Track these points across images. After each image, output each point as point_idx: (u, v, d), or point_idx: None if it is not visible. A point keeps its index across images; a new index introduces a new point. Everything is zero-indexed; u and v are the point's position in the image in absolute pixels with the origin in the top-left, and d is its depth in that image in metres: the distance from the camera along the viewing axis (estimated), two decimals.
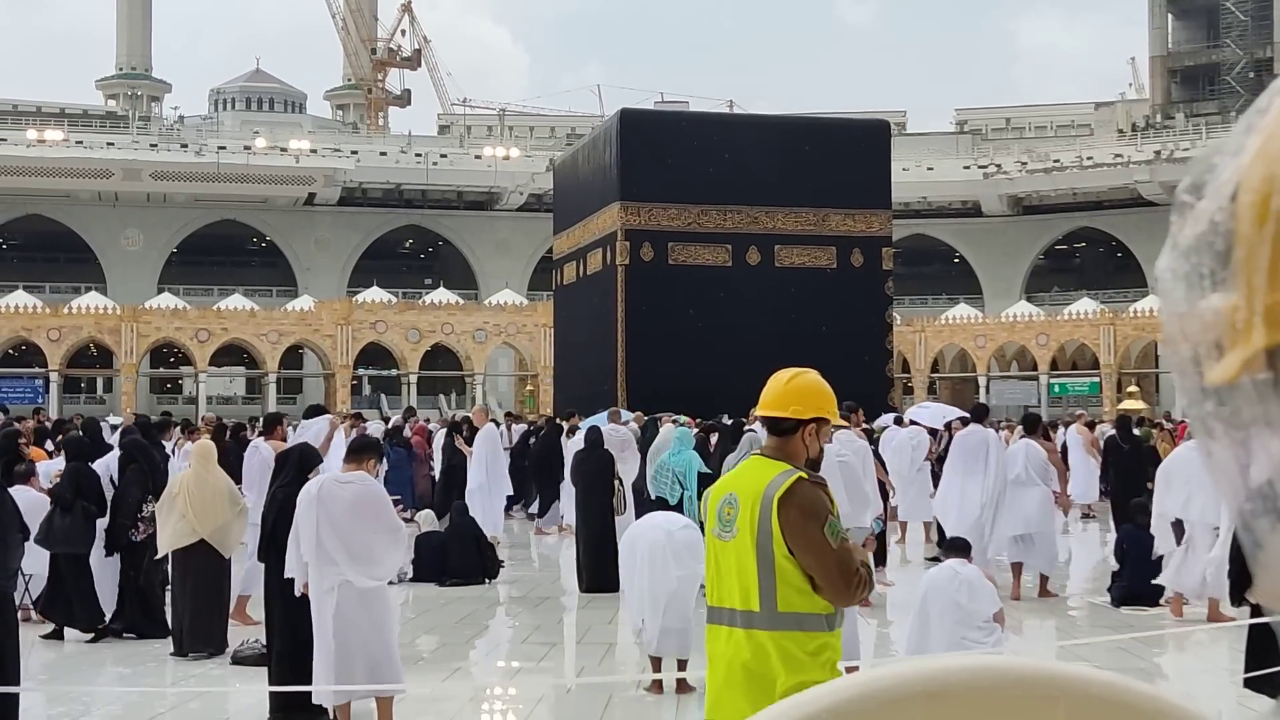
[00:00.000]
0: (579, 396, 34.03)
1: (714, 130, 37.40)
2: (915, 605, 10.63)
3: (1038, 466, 16.15)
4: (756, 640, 4.76)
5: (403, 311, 68.25)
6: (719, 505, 4.99)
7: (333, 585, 9.11)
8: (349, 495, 9.24)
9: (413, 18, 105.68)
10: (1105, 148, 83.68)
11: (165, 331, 64.92)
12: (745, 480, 4.98)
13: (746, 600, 4.80)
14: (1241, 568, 8.92)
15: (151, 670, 12.31)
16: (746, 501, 4.85)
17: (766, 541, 4.75)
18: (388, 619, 9.47)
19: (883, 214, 37.12)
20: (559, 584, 17.95)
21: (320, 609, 9.19)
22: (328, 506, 9.17)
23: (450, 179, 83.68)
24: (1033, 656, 3.62)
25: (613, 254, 35.12)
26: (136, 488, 13.43)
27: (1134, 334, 69.41)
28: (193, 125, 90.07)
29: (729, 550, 4.89)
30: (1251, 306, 0.64)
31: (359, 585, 9.11)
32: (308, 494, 9.31)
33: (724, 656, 4.89)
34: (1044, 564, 16.27)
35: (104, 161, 76.78)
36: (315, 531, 9.11)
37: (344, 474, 9.48)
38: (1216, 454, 0.65)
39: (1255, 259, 0.64)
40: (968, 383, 73.45)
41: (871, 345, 35.48)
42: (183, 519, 12.46)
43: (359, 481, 9.39)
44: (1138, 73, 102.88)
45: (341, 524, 9.13)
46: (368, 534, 9.20)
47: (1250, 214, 0.64)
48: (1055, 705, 0.99)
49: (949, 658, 1.03)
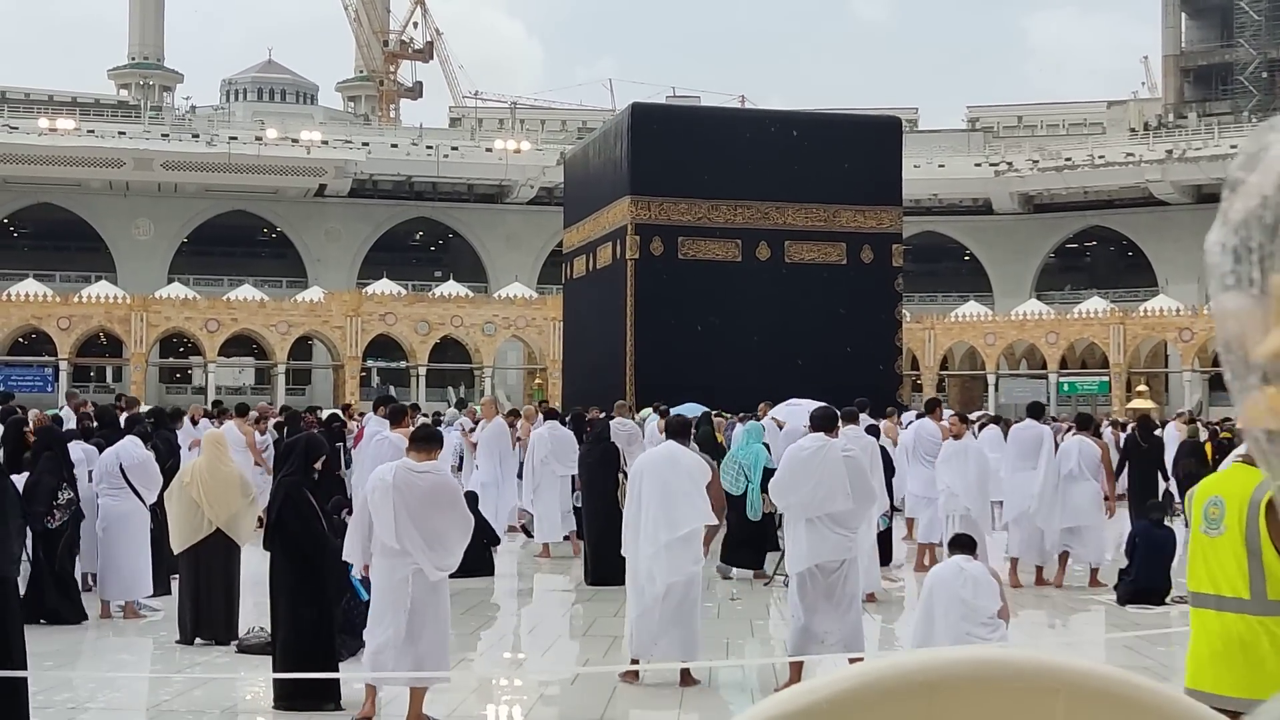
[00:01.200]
0: (587, 390, 34.01)
1: (725, 125, 37.35)
2: (920, 600, 10.64)
3: (1090, 463, 16.80)
4: (1248, 623, 5.34)
5: (412, 304, 68.29)
6: (1205, 505, 5.57)
7: (406, 575, 9.15)
8: (426, 485, 9.27)
9: (425, 10, 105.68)
10: (1117, 146, 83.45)
11: (175, 321, 65.01)
12: (1231, 484, 5.56)
13: (1236, 588, 5.38)
14: None
15: (157, 658, 12.36)
16: (1233, 504, 5.43)
17: (1255, 539, 5.32)
18: (448, 610, 9.57)
19: (893, 210, 37.05)
20: (565, 576, 17.96)
21: (395, 598, 9.20)
22: (404, 495, 9.17)
23: (461, 172, 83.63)
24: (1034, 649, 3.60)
25: (623, 248, 35.09)
26: (50, 475, 13.42)
27: (1144, 333, 69.28)
28: (204, 115, 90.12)
29: (1217, 545, 5.48)
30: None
31: (431, 577, 9.17)
32: (383, 482, 9.28)
33: (1215, 634, 5.50)
34: (1093, 556, 16.94)
35: (115, 151, 76.83)
36: (393, 520, 9.12)
37: (418, 463, 9.43)
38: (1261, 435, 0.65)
39: None
40: (976, 380, 73.36)
41: (881, 342, 35.42)
42: (195, 508, 12.49)
43: (434, 471, 9.45)
44: (1150, 71, 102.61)
45: (419, 513, 9.15)
46: (444, 524, 9.26)
47: None
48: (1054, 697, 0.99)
49: (950, 650, 1.04)
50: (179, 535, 12.61)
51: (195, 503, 12.47)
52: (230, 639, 12.40)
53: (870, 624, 12.68)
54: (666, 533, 10.68)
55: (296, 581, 9.72)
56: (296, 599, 9.76)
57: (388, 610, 9.24)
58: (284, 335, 65.78)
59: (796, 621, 10.79)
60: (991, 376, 70.91)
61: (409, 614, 9.13)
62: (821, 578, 10.66)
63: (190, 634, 12.52)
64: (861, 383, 27.49)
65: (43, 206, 78.77)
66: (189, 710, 10.19)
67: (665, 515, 10.69)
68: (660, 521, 10.69)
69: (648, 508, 10.75)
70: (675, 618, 10.74)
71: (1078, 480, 16.71)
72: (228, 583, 12.70)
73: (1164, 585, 15.26)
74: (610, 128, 39.00)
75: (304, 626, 9.72)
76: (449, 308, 68.14)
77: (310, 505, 9.96)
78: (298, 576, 9.81)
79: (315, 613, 9.80)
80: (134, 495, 14.12)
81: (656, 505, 10.71)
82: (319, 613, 9.85)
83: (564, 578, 17.84)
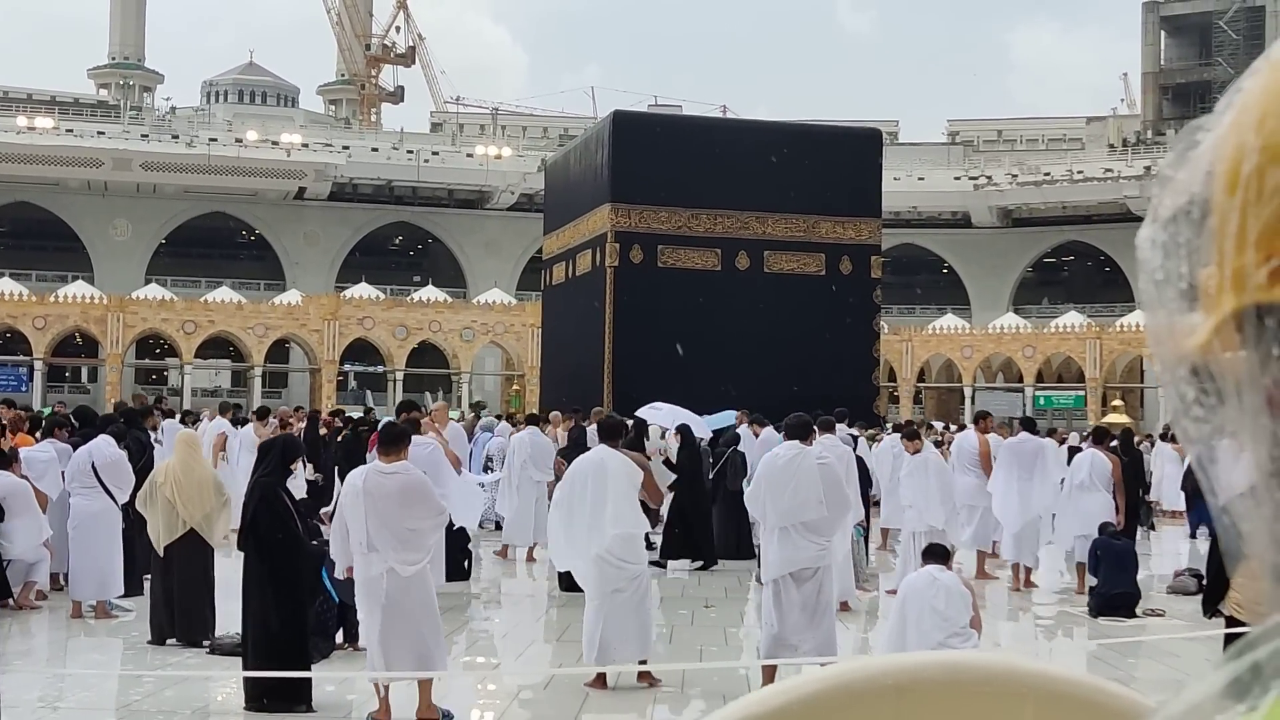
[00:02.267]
0: (565, 397, 34.00)
1: (706, 134, 37.37)
2: (893, 610, 10.68)
3: (1101, 475, 17.24)
4: None
5: (390, 308, 68.15)
6: None
7: (380, 572, 9.28)
8: (395, 486, 9.41)
9: (408, 14, 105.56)
10: (1096, 162, 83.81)
11: (152, 322, 64.75)
12: None
13: None
14: (1213, 580, 8.96)
15: (129, 658, 12.30)
16: None
17: None
18: (433, 602, 9.68)
19: (873, 222, 37.11)
20: (538, 583, 17.96)
21: (369, 596, 9.37)
22: (375, 498, 9.32)
23: (441, 177, 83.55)
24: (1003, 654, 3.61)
25: (602, 255, 35.08)
26: None
27: (1120, 348, 69.51)
28: (184, 116, 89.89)
29: None
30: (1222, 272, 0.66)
31: (402, 573, 9.29)
32: (354, 487, 9.45)
33: None
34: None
35: (94, 150, 76.56)
36: (364, 521, 9.27)
37: (387, 465, 9.57)
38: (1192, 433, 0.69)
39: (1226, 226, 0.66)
40: (953, 393, 73.53)
41: (858, 353, 35.45)
42: (171, 508, 12.45)
43: (403, 471, 9.56)
44: (1130, 88, 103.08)
45: (389, 514, 9.30)
46: (415, 521, 9.41)
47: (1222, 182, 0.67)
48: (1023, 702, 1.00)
49: (920, 654, 1.04)
50: (161, 534, 12.55)
51: (170, 503, 12.44)
52: (204, 640, 12.36)
53: (843, 633, 12.70)
54: (601, 539, 10.73)
55: (270, 581, 9.73)
56: (269, 599, 9.77)
57: (366, 607, 9.40)
58: (261, 338, 65.57)
59: (770, 628, 10.81)
60: (968, 389, 71.05)
61: (384, 609, 9.23)
62: (795, 585, 10.68)
63: (162, 635, 12.46)
64: (839, 393, 27.51)
65: (20, 205, 78.43)
66: (159, 711, 10.15)
67: (599, 522, 10.73)
68: (595, 528, 10.74)
69: (582, 515, 10.82)
70: (626, 619, 10.80)
71: (1089, 490, 17.14)
72: (202, 584, 12.65)
73: (1134, 595, 15.36)
74: (591, 135, 39.00)
75: (275, 627, 9.71)
76: (427, 313, 68.03)
77: (285, 505, 9.97)
78: (271, 576, 9.82)
79: (288, 613, 9.80)
80: (106, 494, 14.06)
81: (590, 512, 10.76)
82: (291, 613, 9.85)
83: (538, 584, 17.84)
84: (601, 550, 10.73)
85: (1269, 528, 0.63)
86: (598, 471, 10.90)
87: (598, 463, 11.02)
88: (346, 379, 70.72)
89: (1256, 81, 0.69)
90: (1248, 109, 0.68)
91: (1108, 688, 1.05)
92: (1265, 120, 0.67)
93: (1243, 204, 0.66)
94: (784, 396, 24.72)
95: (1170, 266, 0.69)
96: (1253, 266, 0.65)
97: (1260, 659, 0.59)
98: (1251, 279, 0.65)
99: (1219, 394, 0.63)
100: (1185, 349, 0.67)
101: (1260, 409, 0.63)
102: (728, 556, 20.30)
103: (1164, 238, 0.70)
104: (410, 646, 9.35)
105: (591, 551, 10.77)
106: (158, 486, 12.54)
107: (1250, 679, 0.60)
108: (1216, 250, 0.66)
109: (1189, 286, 0.67)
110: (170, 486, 12.44)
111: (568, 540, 10.97)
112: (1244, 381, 0.66)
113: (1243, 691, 0.60)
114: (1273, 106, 0.67)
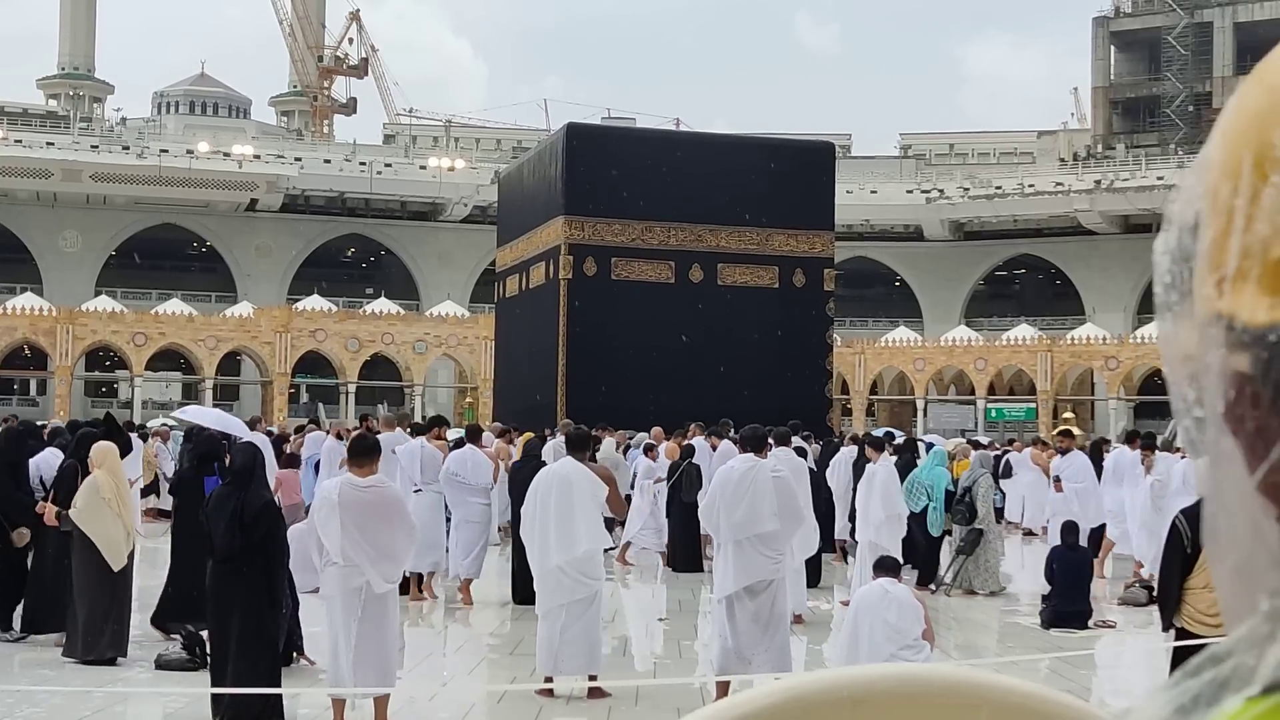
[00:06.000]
0: (519, 410, 33.95)
1: (660, 147, 37.45)
2: (846, 623, 10.70)
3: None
4: None
5: (343, 320, 67.91)
6: None
7: (358, 586, 9.10)
8: (371, 499, 9.25)
9: (361, 26, 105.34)
10: (1047, 176, 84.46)
11: (102, 334, 64.28)
12: None
13: None
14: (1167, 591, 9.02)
15: (77, 673, 12.16)
16: None
17: None
18: (396, 619, 9.56)
19: (825, 235, 37.28)
20: (492, 594, 17.89)
21: (345, 611, 9.16)
22: (351, 511, 9.13)
23: (394, 188, 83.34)
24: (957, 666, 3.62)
25: (556, 268, 35.08)
26: None
27: (1071, 361, 70.04)
28: (135, 127, 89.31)
29: None
30: (1199, 281, 0.69)
31: (377, 589, 9.14)
32: (328, 500, 9.25)
33: None
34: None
35: (43, 161, 75.96)
36: (339, 535, 9.09)
37: (361, 478, 9.36)
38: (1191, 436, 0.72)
39: (1205, 237, 0.69)
40: (906, 405, 73.87)
41: (811, 365, 35.58)
42: (117, 520, 12.34)
43: (379, 485, 9.42)
44: (1080, 103, 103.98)
45: (367, 527, 9.12)
46: (391, 535, 9.24)
47: (1213, 191, 0.69)
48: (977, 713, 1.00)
49: (875, 666, 1.04)
50: (117, 552, 12.34)
51: (118, 517, 12.32)
52: (121, 652, 12.28)
53: (797, 645, 12.72)
54: (564, 553, 10.69)
55: (253, 592, 9.55)
56: (262, 608, 9.60)
57: (339, 621, 9.18)
58: (212, 350, 65.21)
59: (724, 642, 10.81)
60: (920, 401, 71.43)
61: (359, 623, 9.09)
62: (749, 599, 10.69)
63: (101, 649, 12.30)
64: (792, 405, 27.60)
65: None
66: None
67: (562, 535, 10.70)
68: (559, 542, 10.71)
69: (545, 527, 10.78)
70: (577, 633, 10.79)
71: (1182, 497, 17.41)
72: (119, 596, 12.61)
73: (1085, 609, 15.47)
74: (545, 147, 39.01)
75: (252, 639, 9.54)
76: (380, 325, 67.84)
77: (279, 515, 9.86)
78: (264, 591, 9.63)
79: (271, 625, 9.68)
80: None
81: (554, 525, 10.73)
82: (273, 625, 9.74)
83: (491, 596, 17.77)
84: (562, 562, 10.70)
85: (1229, 536, 0.65)
86: (562, 485, 10.85)
87: (563, 477, 10.97)
88: (299, 391, 70.35)
89: (1238, 93, 0.70)
90: (1221, 122, 0.70)
91: (1061, 699, 1.05)
92: (1224, 136, 0.69)
93: (1210, 217, 0.69)
94: (737, 408, 24.78)
95: (1176, 272, 0.71)
96: (1208, 277, 0.67)
97: (1220, 675, 0.60)
98: (1209, 289, 0.66)
99: (1200, 401, 0.68)
100: (1183, 353, 0.69)
101: (1218, 418, 0.67)
102: (682, 569, 20.31)
103: (1174, 245, 0.72)
104: (376, 662, 9.23)
105: (551, 563, 10.74)
106: (105, 502, 12.38)
107: (1209, 695, 0.61)
108: (1201, 260, 0.68)
109: (1189, 293, 0.69)
110: (115, 500, 12.34)
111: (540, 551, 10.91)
112: (1207, 390, 0.67)
113: (1195, 707, 0.61)
114: (1232, 124, 0.69)
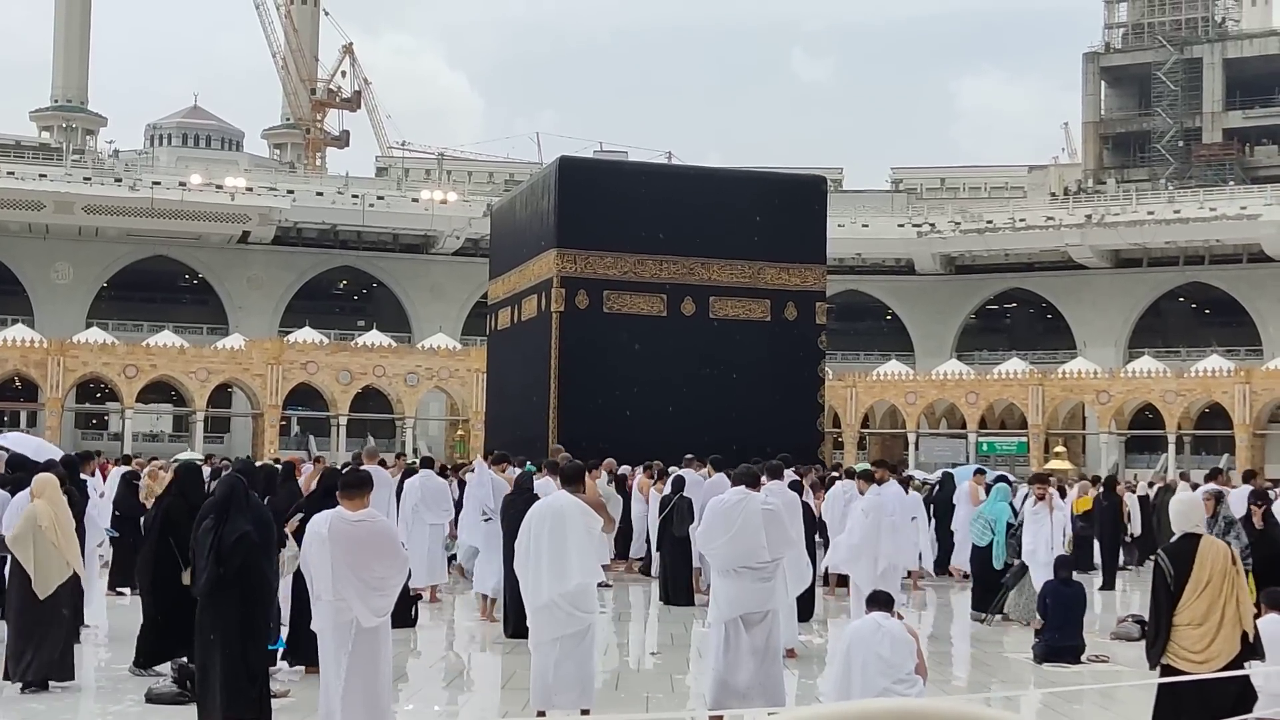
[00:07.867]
0: (510, 443, 33.88)
1: (652, 180, 37.46)
2: (839, 656, 10.68)
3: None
4: None
5: (334, 353, 67.88)
6: None
7: (349, 620, 8.98)
8: (363, 534, 9.08)
9: (354, 59, 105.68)
10: (1037, 210, 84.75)
11: (93, 366, 64.20)
12: None
13: None
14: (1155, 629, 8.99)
15: (67, 707, 12.10)
16: None
17: None
18: (388, 654, 9.36)
19: (817, 269, 37.27)
20: (484, 628, 17.84)
21: (335, 646, 9.02)
22: (341, 546, 8.98)
23: (386, 221, 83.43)
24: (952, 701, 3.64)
25: (548, 300, 35.05)
26: None
27: (1062, 395, 70.11)
28: (127, 160, 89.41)
29: None
30: None
31: (365, 623, 8.99)
32: (318, 535, 9.09)
33: None
34: None
35: (35, 193, 76.02)
36: (330, 572, 8.95)
37: (352, 512, 9.18)
38: None
39: None
40: (897, 439, 73.87)
41: (803, 399, 35.54)
42: (54, 549, 12.33)
43: (370, 519, 9.24)
44: (1071, 137, 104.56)
45: (358, 563, 8.97)
46: (384, 569, 9.10)
47: None
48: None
49: (871, 701, 1.06)
50: (44, 581, 12.34)
51: (54, 546, 12.33)
52: (66, 679, 12.41)
53: (789, 679, 12.69)
54: (557, 586, 10.60)
55: (231, 625, 9.48)
56: (243, 640, 9.54)
57: (329, 655, 9.08)
58: (203, 382, 65.13)
59: (717, 674, 10.78)
60: (912, 435, 71.49)
61: (350, 657, 8.96)
62: (745, 630, 10.68)
63: (20, 673, 12.29)
64: (784, 439, 27.56)
65: None
66: None
67: (555, 569, 10.62)
68: (552, 575, 10.62)
69: (538, 560, 10.70)
70: (570, 667, 10.70)
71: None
72: (72, 623, 12.78)
73: (1078, 643, 15.45)
74: (538, 180, 39.03)
75: (235, 672, 9.49)
76: (372, 357, 67.81)
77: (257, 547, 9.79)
78: (231, 620, 9.58)
79: (255, 657, 9.62)
80: None
81: (548, 558, 10.65)
82: (257, 657, 9.69)
83: (483, 630, 17.73)
84: (555, 596, 10.62)
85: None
86: (556, 518, 10.77)
87: (556, 510, 10.87)
88: (290, 424, 70.23)
89: None
90: None
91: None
92: None
93: None
94: (729, 442, 24.76)
95: None
96: None
97: None
98: None
99: None
100: None
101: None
102: (673, 602, 20.27)
103: None
104: (365, 698, 9.10)
105: (544, 597, 10.67)
106: (41, 531, 12.36)
107: None
108: None
109: None
110: (53, 531, 12.33)
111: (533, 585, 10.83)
112: None
113: None
114: None
